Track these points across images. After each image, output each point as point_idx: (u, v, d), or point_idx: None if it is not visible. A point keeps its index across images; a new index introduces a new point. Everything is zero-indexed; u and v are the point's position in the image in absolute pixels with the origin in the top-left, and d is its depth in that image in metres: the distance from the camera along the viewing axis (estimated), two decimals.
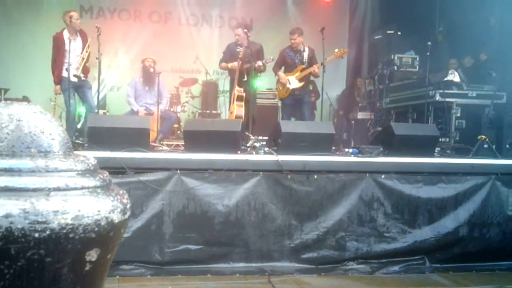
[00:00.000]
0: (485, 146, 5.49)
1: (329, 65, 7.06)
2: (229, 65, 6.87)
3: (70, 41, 6.47)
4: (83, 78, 6.66)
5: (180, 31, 10.25)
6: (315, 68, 6.80)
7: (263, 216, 4.28)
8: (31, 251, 1.44)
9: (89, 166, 1.71)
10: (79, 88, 6.67)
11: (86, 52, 6.59)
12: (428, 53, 6.95)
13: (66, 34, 6.54)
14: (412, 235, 4.57)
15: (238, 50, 6.67)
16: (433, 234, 4.60)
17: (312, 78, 7.31)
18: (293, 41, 6.94)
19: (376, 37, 9.70)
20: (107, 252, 1.64)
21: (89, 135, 4.68)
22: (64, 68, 6.41)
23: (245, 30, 6.78)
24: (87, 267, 1.56)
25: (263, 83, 8.59)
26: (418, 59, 8.55)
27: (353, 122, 9.46)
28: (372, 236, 4.49)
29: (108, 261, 1.69)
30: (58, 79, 6.61)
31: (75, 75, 6.43)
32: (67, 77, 6.34)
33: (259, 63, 6.63)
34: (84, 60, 6.59)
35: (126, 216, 1.69)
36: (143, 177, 4.06)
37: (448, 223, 4.64)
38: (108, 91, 9.56)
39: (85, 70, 6.73)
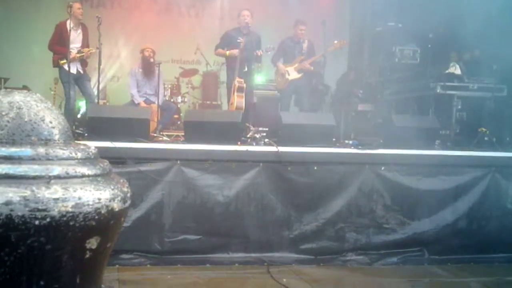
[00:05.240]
0: (486, 138, 5.49)
1: (330, 58, 7.03)
2: (227, 52, 6.70)
3: (72, 31, 6.49)
4: (81, 72, 6.68)
5: (181, 21, 10.19)
6: (307, 64, 6.81)
7: (263, 207, 4.29)
8: (31, 238, 1.44)
9: (90, 155, 1.71)
10: (79, 80, 6.71)
11: (89, 52, 6.61)
12: (429, 46, 6.90)
13: (69, 25, 6.55)
14: (411, 226, 4.58)
15: (238, 41, 6.59)
16: (432, 226, 4.61)
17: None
18: (301, 31, 6.91)
19: (377, 29, 9.64)
20: (107, 241, 1.65)
21: (89, 125, 4.67)
22: (64, 59, 6.41)
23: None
24: (87, 255, 1.57)
25: (263, 77, 8.58)
26: (419, 51, 8.50)
27: (353, 113, 9.42)
28: (371, 228, 4.50)
29: (108, 249, 1.69)
30: (55, 64, 6.69)
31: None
32: (67, 69, 6.35)
33: (259, 52, 6.58)
34: (83, 55, 6.61)
35: (127, 204, 1.70)
36: (143, 167, 4.06)
37: (447, 215, 4.64)
38: (108, 81, 9.54)
39: (83, 64, 6.76)
